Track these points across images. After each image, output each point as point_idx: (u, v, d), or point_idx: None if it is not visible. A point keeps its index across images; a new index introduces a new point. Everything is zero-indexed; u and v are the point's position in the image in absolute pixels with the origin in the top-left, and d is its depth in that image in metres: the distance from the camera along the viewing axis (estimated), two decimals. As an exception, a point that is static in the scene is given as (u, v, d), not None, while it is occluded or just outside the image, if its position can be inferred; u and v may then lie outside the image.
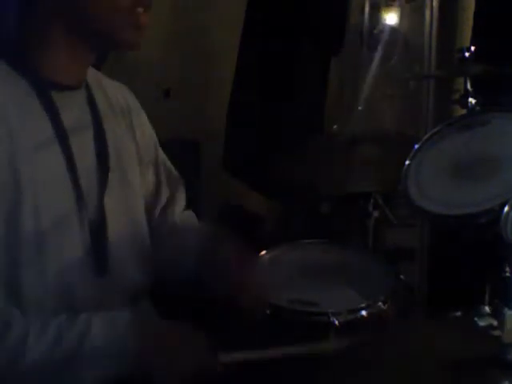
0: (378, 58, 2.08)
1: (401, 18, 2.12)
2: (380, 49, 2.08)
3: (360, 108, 2.10)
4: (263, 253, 1.31)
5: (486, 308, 1.10)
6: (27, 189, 0.90)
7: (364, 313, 1.08)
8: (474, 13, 2.03)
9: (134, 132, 1.14)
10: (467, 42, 2.04)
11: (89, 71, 1.05)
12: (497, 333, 0.98)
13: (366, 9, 2.12)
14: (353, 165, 1.54)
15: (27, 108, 0.94)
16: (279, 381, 1.01)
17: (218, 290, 1.08)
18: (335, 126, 1.95)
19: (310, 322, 1.07)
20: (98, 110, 1.05)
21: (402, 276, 1.24)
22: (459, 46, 1.62)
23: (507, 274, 1.03)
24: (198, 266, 1.15)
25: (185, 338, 0.94)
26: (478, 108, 1.49)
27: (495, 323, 1.01)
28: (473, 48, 1.50)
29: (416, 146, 1.22)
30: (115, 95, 1.13)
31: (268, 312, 1.09)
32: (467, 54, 1.49)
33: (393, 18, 2.12)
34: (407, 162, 1.19)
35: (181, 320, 0.97)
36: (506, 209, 0.95)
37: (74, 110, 1.00)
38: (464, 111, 1.53)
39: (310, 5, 2.05)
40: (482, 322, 1.04)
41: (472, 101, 1.50)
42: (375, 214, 1.73)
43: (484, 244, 1.28)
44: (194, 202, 1.31)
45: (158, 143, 1.23)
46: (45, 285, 0.93)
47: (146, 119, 1.20)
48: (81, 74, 1.02)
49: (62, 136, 0.96)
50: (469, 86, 1.51)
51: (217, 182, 2.23)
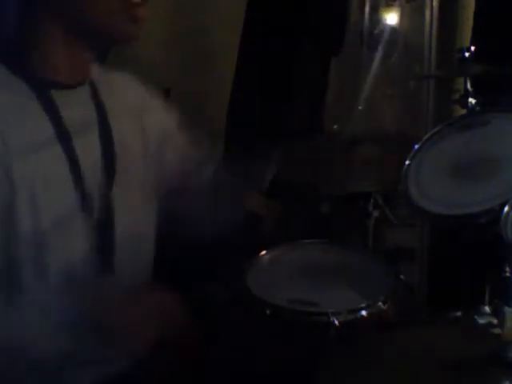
0: (378, 58, 2.08)
1: (401, 17, 2.12)
2: (380, 49, 2.08)
3: (360, 108, 2.10)
4: (263, 253, 1.31)
5: (486, 308, 1.11)
6: (22, 189, 0.90)
7: (364, 313, 1.08)
8: (474, 13, 2.04)
9: (144, 127, 1.12)
10: (467, 42, 2.04)
11: (94, 67, 1.03)
12: (497, 331, 0.98)
13: (366, 9, 2.12)
14: (353, 165, 1.54)
15: (25, 108, 0.93)
16: (279, 381, 1.01)
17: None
18: (335, 126, 1.95)
19: (310, 322, 1.07)
20: (103, 106, 1.03)
21: (402, 276, 1.24)
22: (459, 46, 1.62)
23: (507, 274, 1.03)
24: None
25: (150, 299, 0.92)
26: (477, 108, 1.49)
27: (495, 321, 1.01)
28: (473, 48, 1.50)
29: (416, 146, 1.22)
30: (124, 90, 1.11)
31: (268, 312, 1.09)
32: (467, 54, 1.49)
33: (393, 18, 2.12)
34: (407, 162, 1.19)
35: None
36: (506, 209, 0.95)
37: (76, 108, 0.98)
38: (464, 111, 1.53)
39: (310, 5, 2.05)
40: (481, 320, 1.04)
41: (472, 101, 1.50)
42: (375, 213, 1.74)
43: (484, 244, 1.28)
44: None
45: (173, 129, 1.21)
46: (45, 284, 0.92)
47: (159, 109, 1.18)
48: (82, 72, 1.01)
49: (64, 135, 0.95)
50: (469, 86, 1.51)
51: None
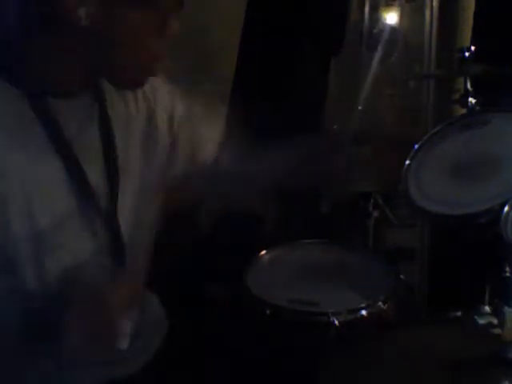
0: (377, 58, 2.07)
1: (401, 17, 2.12)
2: (380, 49, 2.08)
3: (360, 108, 2.09)
4: (263, 253, 1.31)
5: (486, 308, 1.11)
6: (17, 201, 0.87)
7: (364, 313, 1.08)
8: (474, 13, 2.03)
9: (150, 120, 1.09)
10: (467, 42, 2.04)
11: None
12: (497, 331, 0.98)
13: (366, 9, 2.12)
14: (353, 165, 1.54)
15: (21, 115, 0.90)
16: (279, 381, 1.01)
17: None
18: (335, 126, 1.95)
19: (310, 322, 1.07)
20: (105, 111, 1.00)
21: (402, 276, 1.24)
22: (459, 46, 1.63)
23: (507, 274, 1.03)
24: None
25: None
26: (477, 108, 1.49)
27: (495, 321, 1.01)
28: (473, 48, 1.50)
29: (416, 146, 1.22)
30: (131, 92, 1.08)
31: (268, 312, 1.09)
32: (467, 54, 1.49)
33: (393, 18, 2.12)
34: (407, 162, 1.19)
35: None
36: (506, 209, 0.95)
37: (77, 113, 0.96)
38: (464, 111, 1.53)
39: (310, 5, 2.05)
40: (481, 320, 1.04)
41: (472, 101, 1.50)
42: (375, 213, 1.74)
43: (484, 244, 1.28)
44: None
45: (179, 118, 1.17)
46: (46, 287, 0.91)
47: (165, 100, 1.16)
48: (87, 79, 0.97)
49: (62, 141, 0.93)
50: (469, 86, 1.51)
51: (217, 182, 2.22)
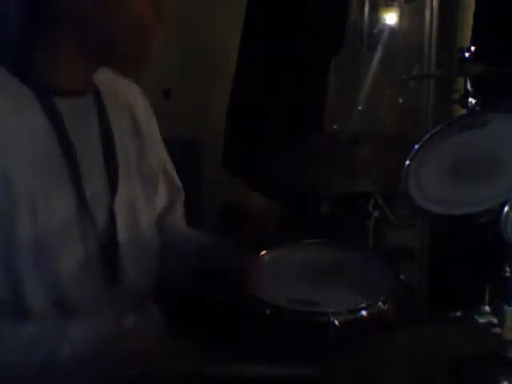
0: (377, 58, 2.08)
1: (401, 18, 2.13)
2: (380, 49, 2.09)
3: (360, 108, 2.10)
4: (263, 253, 1.31)
5: (486, 308, 1.10)
6: (23, 201, 0.88)
7: (364, 313, 1.08)
8: (474, 13, 2.04)
9: (141, 139, 1.10)
10: (467, 42, 2.05)
11: (100, 71, 1.01)
12: (497, 330, 0.98)
13: (366, 9, 2.12)
14: (353, 165, 1.54)
15: (27, 116, 0.91)
16: (279, 381, 1.01)
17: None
18: (335, 126, 1.95)
19: (310, 322, 1.07)
20: (106, 114, 1.02)
21: (402, 276, 1.24)
22: (459, 46, 1.62)
23: (507, 274, 1.03)
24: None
25: (171, 350, 0.91)
26: (477, 108, 1.49)
27: (495, 321, 1.01)
28: (473, 48, 1.50)
29: (416, 146, 1.21)
30: (125, 96, 1.10)
31: (268, 312, 1.09)
32: (467, 54, 1.49)
33: (392, 18, 2.13)
34: (407, 162, 1.19)
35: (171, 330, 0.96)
36: (506, 209, 0.95)
37: (79, 115, 0.97)
38: (464, 111, 1.53)
39: (310, 5, 2.05)
40: (481, 320, 1.04)
41: (472, 101, 1.50)
42: (375, 213, 1.73)
43: (484, 244, 1.28)
44: (194, 202, 1.31)
45: (165, 151, 1.21)
46: (46, 295, 0.91)
47: (155, 126, 1.17)
48: (87, 79, 0.99)
49: (65, 144, 0.93)
50: (469, 86, 1.51)
51: (217, 182, 2.23)
